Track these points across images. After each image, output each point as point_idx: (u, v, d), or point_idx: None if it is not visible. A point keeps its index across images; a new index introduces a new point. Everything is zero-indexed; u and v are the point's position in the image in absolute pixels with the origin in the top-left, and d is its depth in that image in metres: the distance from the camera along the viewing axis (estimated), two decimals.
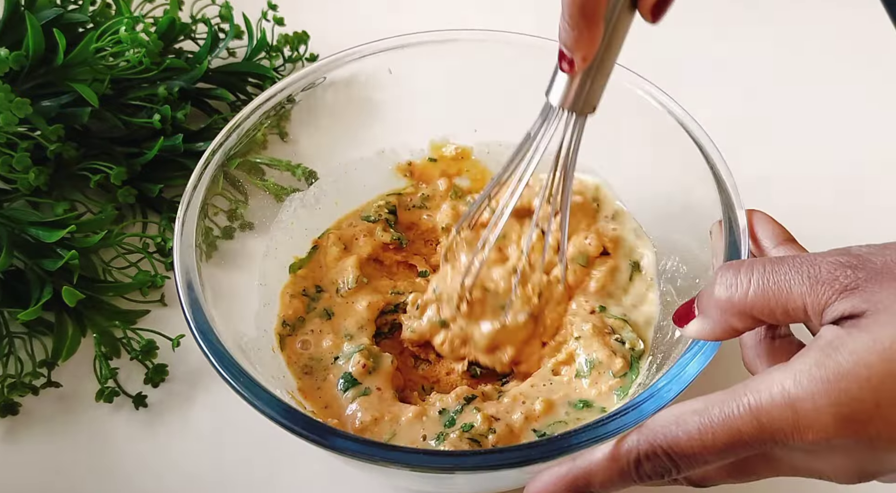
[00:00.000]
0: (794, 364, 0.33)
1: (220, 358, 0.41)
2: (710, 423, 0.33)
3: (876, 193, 0.65)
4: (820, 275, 0.33)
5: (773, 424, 0.32)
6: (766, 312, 0.35)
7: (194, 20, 0.69)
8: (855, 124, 0.69)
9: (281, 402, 0.40)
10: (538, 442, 0.38)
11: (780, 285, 0.34)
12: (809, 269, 0.34)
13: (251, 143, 0.52)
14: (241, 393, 0.40)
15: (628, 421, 0.38)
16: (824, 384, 0.32)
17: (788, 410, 0.32)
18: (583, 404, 0.48)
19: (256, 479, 0.51)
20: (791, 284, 0.34)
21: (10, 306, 0.55)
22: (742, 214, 0.45)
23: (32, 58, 0.59)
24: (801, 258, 0.35)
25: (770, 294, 0.34)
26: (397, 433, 0.47)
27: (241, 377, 0.41)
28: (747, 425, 0.32)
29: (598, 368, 0.49)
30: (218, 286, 0.47)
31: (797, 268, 0.34)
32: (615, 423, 0.38)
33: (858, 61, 0.74)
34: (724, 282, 0.36)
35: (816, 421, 0.31)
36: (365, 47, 0.54)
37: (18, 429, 0.53)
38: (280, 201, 0.55)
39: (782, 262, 0.35)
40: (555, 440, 0.38)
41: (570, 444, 0.38)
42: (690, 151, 0.49)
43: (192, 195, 0.48)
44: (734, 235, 0.44)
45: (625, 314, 0.52)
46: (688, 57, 0.73)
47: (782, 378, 0.32)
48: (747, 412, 0.32)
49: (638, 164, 0.54)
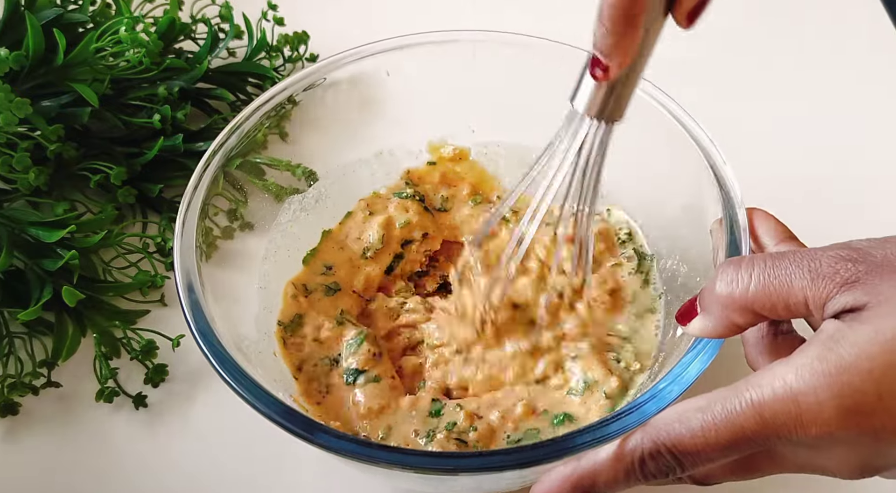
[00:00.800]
0: (795, 358, 0.33)
1: (221, 360, 0.41)
2: (713, 420, 0.33)
3: (875, 191, 0.65)
4: (821, 269, 0.34)
5: (776, 419, 0.32)
6: (768, 307, 0.35)
7: (194, 20, 0.69)
8: (855, 123, 0.70)
9: (281, 403, 0.40)
10: (542, 444, 0.38)
11: (780, 279, 0.34)
12: (810, 263, 0.34)
13: (252, 143, 0.52)
14: (241, 394, 0.40)
15: (631, 422, 0.38)
16: (826, 378, 0.31)
17: (791, 404, 0.32)
18: (564, 417, 0.48)
19: (256, 479, 0.51)
20: (792, 278, 0.34)
21: (10, 306, 0.55)
22: (742, 212, 0.45)
23: (32, 58, 0.59)
24: (802, 253, 0.35)
25: (771, 289, 0.34)
26: (393, 426, 0.47)
27: (242, 379, 0.41)
28: (750, 421, 0.32)
29: (591, 387, 0.48)
30: (219, 287, 0.47)
31: (798, 263, 0.34)
32: (618, 424, 0.38)
33: (859, 61, 0.74)
34: (725, 278, 0.36)
35: (819, 415, 0.31)
36: (364, 48, 0.54)
37: (18, 429, 0.53)
38: (280, 202, 0.55)
39: (783, 257, 0.35)
40: (559, 441, 0.38)
41: (573, 445, 0.38)
42: (689, 150, 0.49)
43: (193, 196, 0.48)
44: (734, 234, 0.44)
45: (627, 332, 0.51)
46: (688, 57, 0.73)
47: (784, 372, 0.32)
48: (749, 407, 0.32)
49: (637, 164, 0.54)
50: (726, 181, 0.47)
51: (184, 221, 0.47)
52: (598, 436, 0.38)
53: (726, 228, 0.45)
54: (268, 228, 0.54)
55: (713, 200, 0.47)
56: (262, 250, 0.54)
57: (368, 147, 0.58)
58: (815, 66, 0.74)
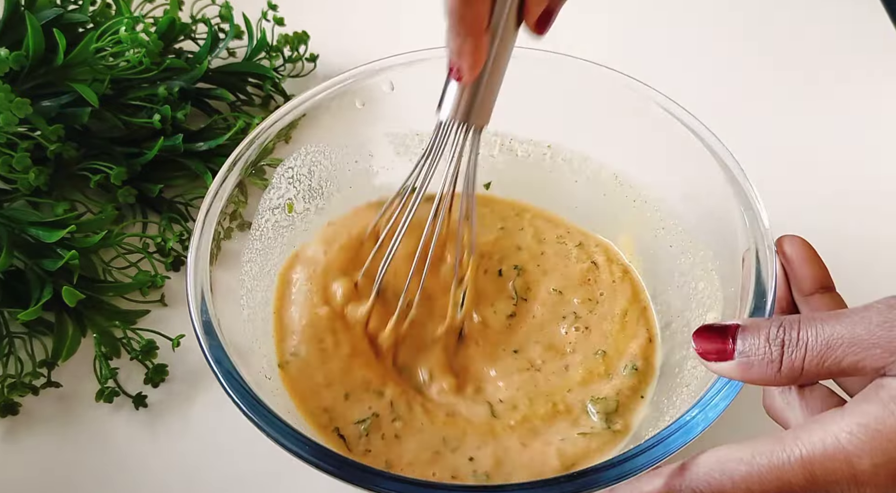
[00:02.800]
0: (849, 416, 0.32)
1: (239, 391, 0.41)
2: (757, 472, 0.33)
3: (876, 192, 0.65)
4: (872, 338, 0.33)
5: (828, 477, 0.32)
6: (814, 379, 0.35)
7: (194, 20, 0.69)
8: (856, 123, 0.70)
9: (314, 443, 0.40)
10: (567, 477, 0.38)
11: (831, 361, 0.34)
12: (860, 332, 0.33)
13: (264, 151, 0.52)
14: (264, 430, 0.40)
15: (657, 455, 0.38)
16: (885, 442, 0.31)
17: (844, 464, 0.32)
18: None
19: (256, 479, 0.51)
20: (844, 356, 0.33)
21: (10, 306, 0.55)
22: (772, 256, 0.44)
23: (32, 58, 0.59)
24: (851, 322, 0.34)
25: (823, 371, 0.34)
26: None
27: (264, 413, 0.41)
28: (798, 476, 0.32)
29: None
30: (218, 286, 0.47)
31: (849, 341, 0.33)
32: (644, 457, 0.38)
33: (859, 60, 0.74)
34: (765, 364, 0.35)
35: (875, 477, 0.31)
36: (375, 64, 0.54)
37: (18, 429, 0.53)
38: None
39: (828, 330, 0.34)
40: (586, 472, 0.38)
41: (599, 480, 0.37)
42: (716, 176, 0.48)
43: (205, 219, 0.47)
44: (761, 283, 0.43)
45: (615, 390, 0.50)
46: (687, 57, 0.73)
47: (837, 431, 0.32)
48: (798, 462, 0.32)
49: (666, 184, 0.54)
50: (758, 215, 0.46)
51: (198, 244, 0.46)
52: (625, 471, 0.37)
53: (753, 273, 0.44)
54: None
55: (740, 230, 0.46)
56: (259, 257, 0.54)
57: (367, 149, 0.58)
58: (816, 66, 0.74)
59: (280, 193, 0.54)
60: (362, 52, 0.56)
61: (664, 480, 0.35)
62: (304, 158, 0.54)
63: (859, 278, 0.48)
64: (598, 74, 0.53)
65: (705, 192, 0.50)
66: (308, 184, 0.55)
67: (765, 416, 0.42)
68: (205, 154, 0.62)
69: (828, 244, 0.46)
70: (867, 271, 0.55)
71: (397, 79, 0.54)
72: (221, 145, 0.62)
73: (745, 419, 0.44)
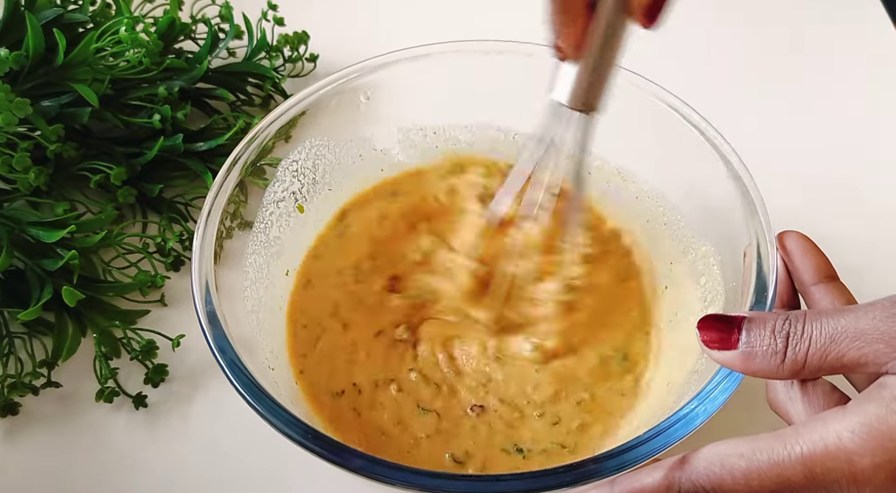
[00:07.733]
0: (851, 415, 0.32)
1: (244, 385, 0.41)
2: (757, 468, 0.33)
3: (877, 192, 0.65)
4: (876, 333, 0.33)
5: (828, 475, 0.32)
6: (817, 373, 0.35)
7: (194, 20, 0.69)
8: (856, 124, 0.70)
9: (315, 431, 0.40)
10: (566, 467, 0.37)
11: (833, 355, 0.34)
12: (864, 327, 0.33)
13: (263, 151, 0.52)
14: (263, 415, 0.40)
15: (657, 446, 0.38)
16: (886, 442, 0.31)
17: (845, 463, 0.32)
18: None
19: (256, 479, 0.51)
20: (847, 350, 0.33)
21: (10, 306, 0.55)
22: (773, 251, 0.44)
23: (32, 58, 0.59)
24: (850, 318, 0.34)
25: (825, 365, 0.34)
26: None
27: (265, 401, 0.40)
28: (798, 474, 0.32)
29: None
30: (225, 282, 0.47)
31: (852, 335, 0.33)
32: (644, 448, 0.38)
33: (860, 60, 0.74)
34: (770, 356, 0.35)
35: (875, 477, 0.31)
36: (377, 60, 0.54)
37: (18, 429, 0.53)
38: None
39: (832, 324, 0.34)
40: (586, 462, 0.38)
41: (599, 470, 0.37)
42: (719, 171, 0.49)
43: (208, 219, 0.47)
44: (762, 277, 0.43)
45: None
46: (690, 55, 0.73)
47: (839, 429, 0.32)
48: (798, 460, 0.32)
49: (668, 179, 0.54)
50: (759, 215, 0.46)
51: (202, 246, 0.46)
52: (626, 461, 0.37)
53: (755, 269, 0.44)
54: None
55: (740, 225, 0.46)
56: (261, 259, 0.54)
57: (367, 147, 0.58)
58: (815, 66, 0.74)
59: (284, 187, 0.54)
60: (362, 51, 0.56)
61: (664, 472, 0.35)
62: (309, 152, 0.55)
63: (860, 276, 0.47)
64: None
65: (707, 187, 0.50)
66: (312, 177, 0.55)
67: (767, 413, 0.41)
68: (205, 154, 0.62)
69: (828, 242, 0.46)
70: (867, 271, 0.55)
71: (399, 74, 0.54)
72: (221, 145, 0.62)
73: (747, 416, 0.44)
